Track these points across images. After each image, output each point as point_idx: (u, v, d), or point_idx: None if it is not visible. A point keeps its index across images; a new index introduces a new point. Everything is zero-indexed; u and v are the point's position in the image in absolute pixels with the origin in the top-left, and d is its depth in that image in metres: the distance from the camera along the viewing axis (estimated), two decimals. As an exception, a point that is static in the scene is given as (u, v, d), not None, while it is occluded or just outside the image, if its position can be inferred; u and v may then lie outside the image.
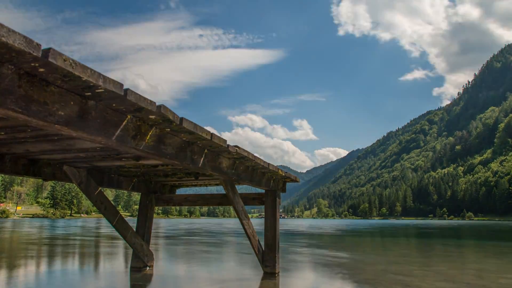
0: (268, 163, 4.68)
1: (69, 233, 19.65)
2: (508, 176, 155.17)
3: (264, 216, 5.80)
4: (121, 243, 11.88)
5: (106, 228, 26.31)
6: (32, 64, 1.53)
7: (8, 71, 1.54)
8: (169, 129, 2.68)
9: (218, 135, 3.21)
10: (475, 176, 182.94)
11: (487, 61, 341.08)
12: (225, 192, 4.95)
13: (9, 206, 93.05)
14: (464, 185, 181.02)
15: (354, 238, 17.36)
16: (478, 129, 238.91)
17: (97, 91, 1.86)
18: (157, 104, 2.26)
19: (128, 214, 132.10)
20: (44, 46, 1.49)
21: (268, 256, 5.51)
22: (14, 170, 3.86)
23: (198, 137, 2.94)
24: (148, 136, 2.53)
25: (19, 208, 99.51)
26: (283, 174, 5.43)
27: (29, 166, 4.03)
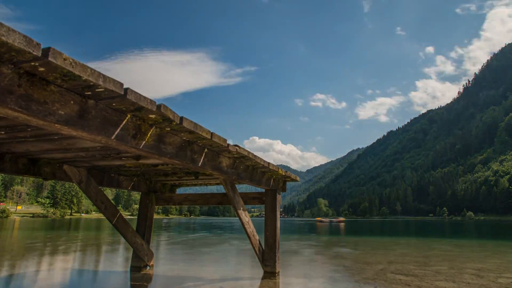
0: (268, 162, 4.68)
1: (70, 233, 19.68)
2: (508, 175, 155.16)
3: (264, 215, 5.80)
4: (121, 242, 11.89)
5: (106, 227, 26.33)
6: (32, 63, 1.53)
7: (8, 70, 1.54)
8: (169, 128, 2.68)
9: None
10: (475, 175, 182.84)
11: (488, 60, 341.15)
12: (225, 192, 4.95)
13: (9, 206, 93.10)
14: (464, 184, 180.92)
15: (354, 238, 17.37)
16: (478, 128, 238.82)
17: (97, 90, 1.86)
18: (157, 103, 2.26)
19: (128, 213, 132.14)
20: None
21: (268, 255, 5.51)
22: (14, 170, 3.86)
23: (198, 136, 2.94)
24: (148, 135, 2.53)
25: (19, 207, 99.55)
26: (283, 173, 5.43)
27: (29, 166, 4.03)
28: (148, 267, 5.87)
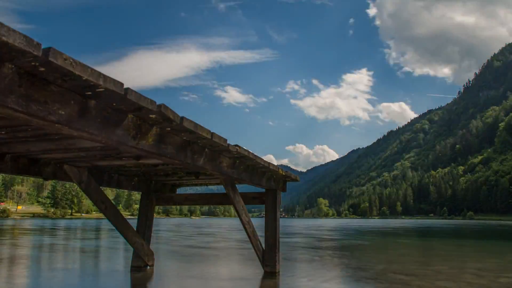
0: (269, 162, 4.68)
1: (70, 233, 19.69)
2: (509, 175, 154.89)
3: (264, 215, 5.80)
4: (121, 242, 11.90)
5: (107, 227, 26.34)
6: (33, 63, 1.53)
7: (9, 70, 1.54)
8: (169, 128, 2.68)
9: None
10: (475, 175, 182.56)
11: (488, 60, 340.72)
12: (225, 191, 4.95)
13: (10, 206, 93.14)
14: (464, 184, 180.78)
15: (354, 238, 17.37)
16: (478, 128, 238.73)
17: (97, 90, 1.86)
18: (157, 103, 2.26)
19: (129, 213, 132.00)
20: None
21: (269, 255, 5.51)
22: (15, 169, 3.87)
23: (199, 136, 2.94)
24: (149, 135, 2.53)
25: (19, 207, 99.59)
26: (283, 173, 5.43)
27: (29, 165, 4.03)
28: (148, 267, 5.87)
